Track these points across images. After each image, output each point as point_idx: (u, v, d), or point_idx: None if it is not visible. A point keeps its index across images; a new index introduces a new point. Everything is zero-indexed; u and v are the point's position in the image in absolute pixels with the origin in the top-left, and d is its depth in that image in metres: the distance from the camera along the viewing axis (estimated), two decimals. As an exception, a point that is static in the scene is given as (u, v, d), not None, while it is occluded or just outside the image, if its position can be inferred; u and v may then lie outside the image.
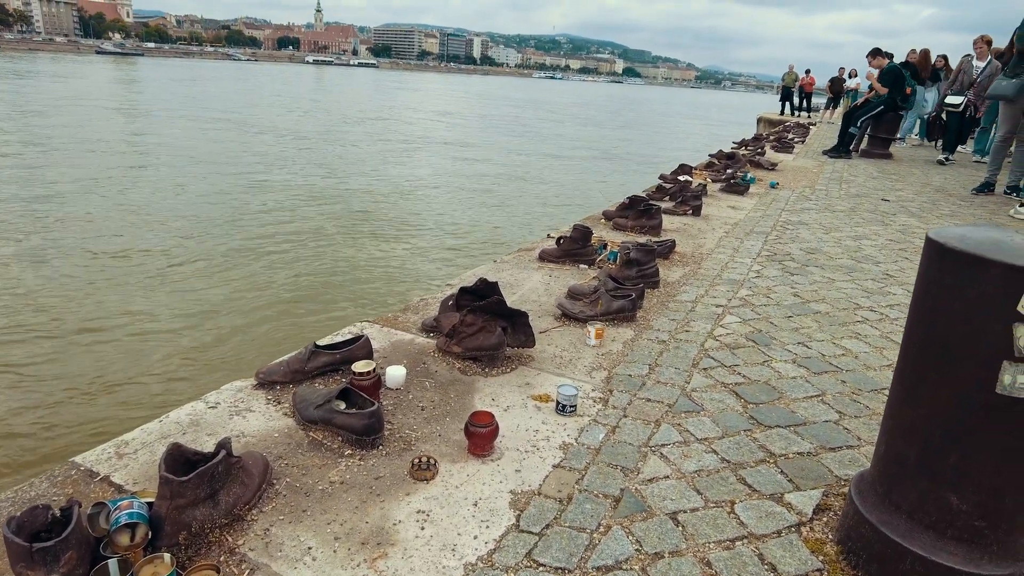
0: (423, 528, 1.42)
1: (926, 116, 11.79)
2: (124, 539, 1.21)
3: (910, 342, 1.26)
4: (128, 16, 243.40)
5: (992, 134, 9.51)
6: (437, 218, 10.39)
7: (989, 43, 8.97)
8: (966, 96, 9.00)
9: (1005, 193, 6.76)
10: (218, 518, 1.37)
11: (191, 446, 1.69)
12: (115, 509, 1.23)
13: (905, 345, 1.28)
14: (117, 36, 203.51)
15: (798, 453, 1.77)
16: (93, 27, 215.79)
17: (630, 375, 2.20)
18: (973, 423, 1.13)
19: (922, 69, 11.19)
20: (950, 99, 9.33)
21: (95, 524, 1.24)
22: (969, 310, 1.11)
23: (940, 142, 11.29)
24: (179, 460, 1.37)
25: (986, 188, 6.79)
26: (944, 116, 9.99)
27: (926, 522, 1.22)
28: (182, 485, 1.28)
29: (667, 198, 5.33)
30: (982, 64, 8.88)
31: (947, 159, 9.48)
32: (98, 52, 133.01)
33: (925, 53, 11.51)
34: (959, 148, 12.06)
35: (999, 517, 1.17)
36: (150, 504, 1.30)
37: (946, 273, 1.14)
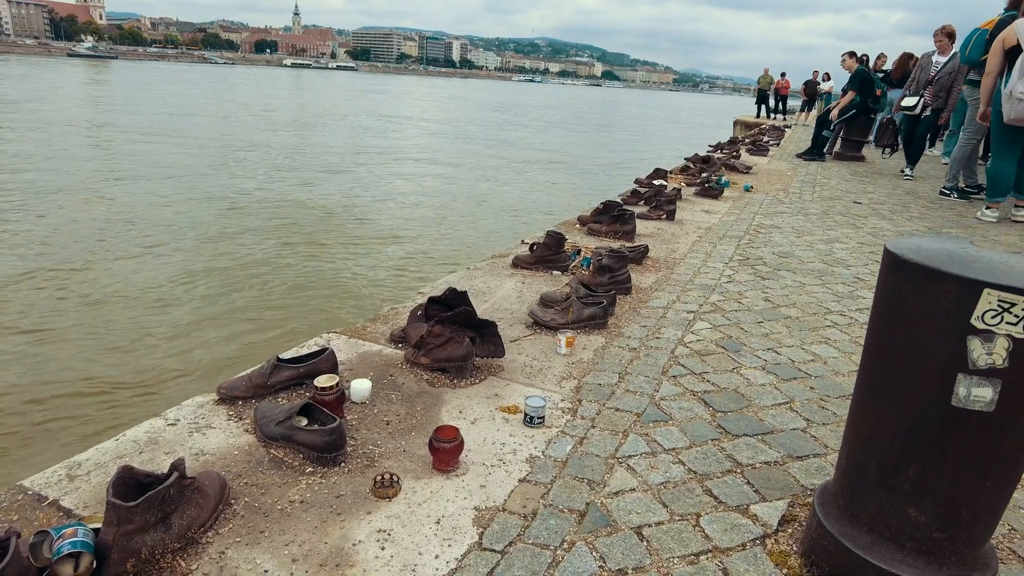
0: (383, 548, 1.39)
1: (881, 119, 10.51)
2: (67, 569, 1.17)
3: (869, 353, 1.26)
4: (101, 18, 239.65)
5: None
6: (411, 224, 10.28)
7: (951, 35, 7.88)
8: (921, 96, 8.02)
9: (966, 189, 6.90)
10: (170, 542, 1.32)
11: (148, 466, 1.65)
12: (58, 537, 1.18)
13: (865, 356, 1.28)
14: (90, 38, 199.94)
15: (765, 463, 1.77)
16: (65, 29, 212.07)
17: (600, 384, 2.19)
18: (930, 435, 1.13)
19: (895, 72, 11.24)
20: (905, 101, 8.24)
21: (37, 553, 1.19)
22: (925, 322, 1.11)
23: (888, 150, 10.23)
24: (130, 483, 1.33)
25: (954, 191, 6.91)
26: (898, 120, 8.95)
27: (886, 534, 1.22)
28: (130, 511, 1.24)
29: (642, 202, 5.34)
30: (944, 59, 7.82)
31: (908, 173, 8.49)
32: (70, 55, 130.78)
33: (902, 57, 11.21)
34: (926, 150, 12.15)
35: (957, 529, 1.17)
36: (98, 531, 1.25)
37: (902, 285, 1.14)
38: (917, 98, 8.01)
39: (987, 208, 5.69)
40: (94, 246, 7.73)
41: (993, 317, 1.02)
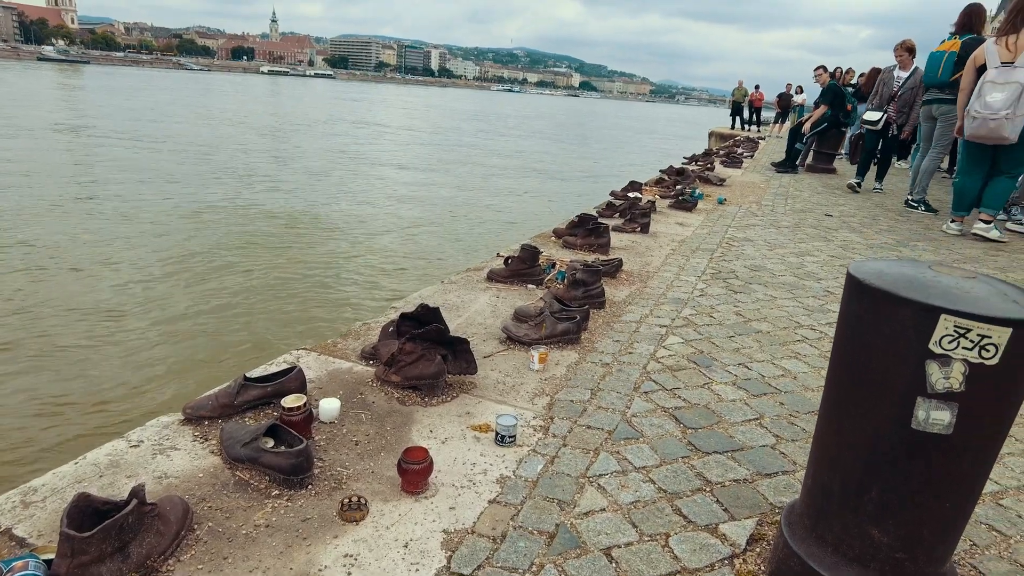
0: (350, 573, 1.37)
1: (851, 135, 10.60)
2: (17, 603, 1.13)
3: (833, 376, 1.27)
4: (72, 22, 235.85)
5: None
6: (384, 236, 10.18)
7: (911, 50, 7.81)
8: (885, 111, 7.98)
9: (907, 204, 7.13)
10: (128, 572, 1.29)
11: (108, 490, 1.61)
12: (8, 571, 1.14)
13: (829, 378, 1.29)
14: (61, 42, 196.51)
15: (734, 480, 1.78)
16: (35, 33, 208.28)
17: (572, 401, 2.19)
18: (892, 457, 1.15)
19: (865, 87, 11.46)
20: (868, 115, 8.20)
21: (-14, 587, 1.15)
22: (886, 346, 1.12)
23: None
24: (86, 511, 1.29)
25: (921, 204, 7.06)
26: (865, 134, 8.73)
27: (850, 555, 1.23)
28: (85, 541, 1.20)
29: (617, 215, 5.38)
30: (905, 74, 7.80)
31: (859, 184, 8.35)
32: (40, 59, 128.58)
33: (872, 72, 11.42)
34: (895, 163, 12.42)
35: (918, 549, 1.18)
36: (51, 562, 1.22)
37: (864, 309, 1.16)
38: (880, 113, 7.99)
39: (952, 221, 5.83)
40: (47, 260, 7.45)
41: (950, 342, 1.04)
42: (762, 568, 1.43)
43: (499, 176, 18.25)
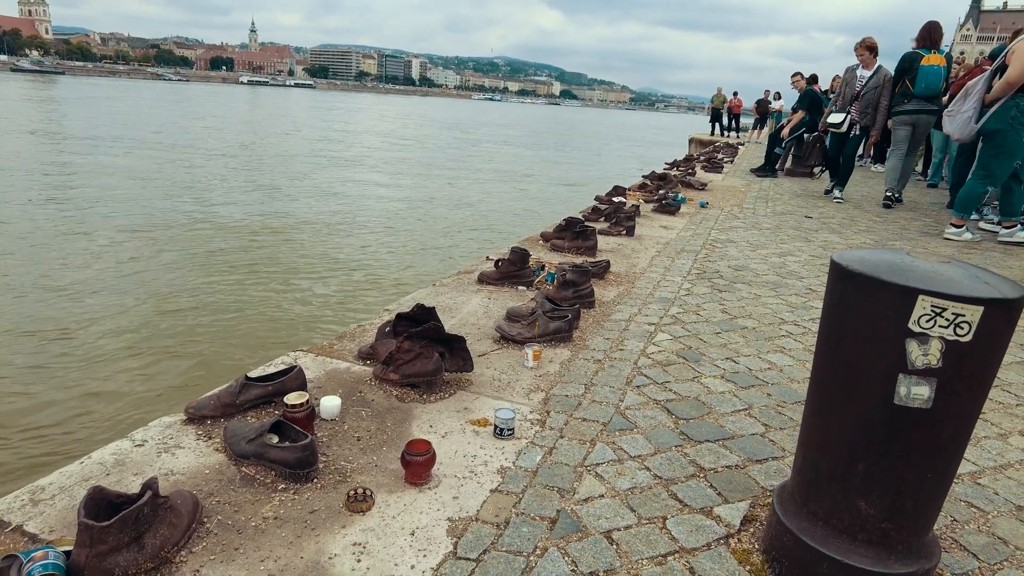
0: (359, 560, 1.41)
1: (809, 138, 10.46)
2: (39, 592, 1.16)
3: (820, 359, 1.34)
4: (47, 32, 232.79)
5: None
6: (375, 242, 10.23)
7: (871, 49, 7.33)
8: (848, 113, 7.65)
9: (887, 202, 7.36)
10: (143, 562, 1.32)
11: (116, 487, 1.63)
12: (28, 561, 1.17)
13: (816, 362, 1.36)
14: (35, 53, 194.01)
15: (726, 466, 1.84)
16: (8, 44, 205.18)
17: (567, 395, 2.24)
18: (876, 433, 1.22)
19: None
20: (831, 118, 7.91)
21: (7, 577, 1.18)
22: (869, 328, 1.20)
23: (820, 169, 10.27)
24: (101, 504, 1.32)
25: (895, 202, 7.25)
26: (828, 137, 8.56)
27: (840, 527, 1.30)
28: (103, 531, 1.23)
29: (602, 219, 5.46)
30: (868, 73, 7.39)
31: (837, 195, 7.96)
32: (13, 70, 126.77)
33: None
34: (872, 167, 12.70)
35: (903, 519, 1.25)
36: (68, 553, 1.24)
37: (848, 294, 1.23)
38: (844, 115, 7.67)
39: (953, 225, 5.88)
40: (48, 267, 7.47)
41: (927, 321, 1.11)
42: (756, 546, 1.50)
43: (483, 183, 18.33)
